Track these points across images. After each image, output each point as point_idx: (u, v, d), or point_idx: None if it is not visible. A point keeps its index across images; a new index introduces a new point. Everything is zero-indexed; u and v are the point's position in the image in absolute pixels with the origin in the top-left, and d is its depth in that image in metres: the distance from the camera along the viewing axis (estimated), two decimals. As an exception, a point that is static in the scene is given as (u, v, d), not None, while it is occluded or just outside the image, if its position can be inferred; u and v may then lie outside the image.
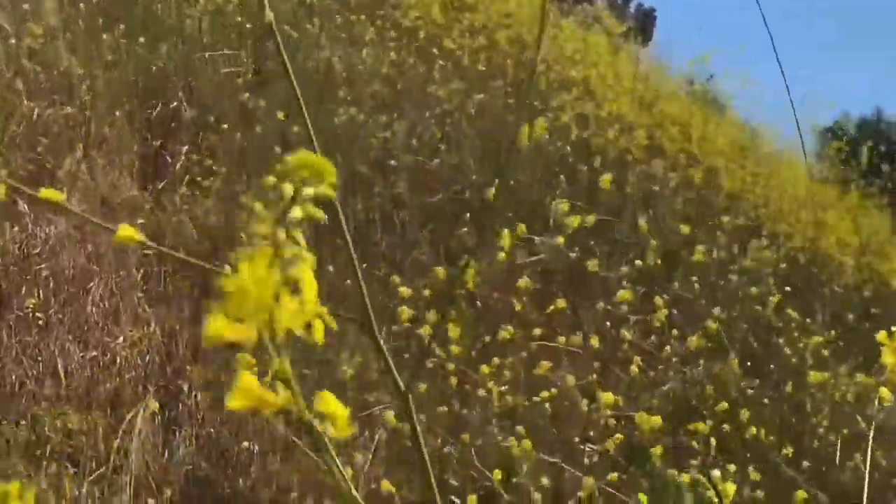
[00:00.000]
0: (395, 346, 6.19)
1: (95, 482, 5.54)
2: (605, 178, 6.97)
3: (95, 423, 5.82)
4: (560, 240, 6.36)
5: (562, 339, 5.88)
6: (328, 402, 0.95)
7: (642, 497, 4.88)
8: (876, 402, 1.46)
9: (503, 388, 5.53)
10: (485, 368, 5.58)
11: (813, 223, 8.18)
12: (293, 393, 0.92)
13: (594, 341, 5.91)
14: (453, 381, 5.58)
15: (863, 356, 6.06)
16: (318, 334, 0.89)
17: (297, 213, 0.89)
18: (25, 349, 6.16)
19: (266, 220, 0.88)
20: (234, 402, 0.91)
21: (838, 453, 5.23)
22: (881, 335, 1.40)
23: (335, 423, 0.95)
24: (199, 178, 7.43)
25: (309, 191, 0.90)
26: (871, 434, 1.48)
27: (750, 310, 6.30)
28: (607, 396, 5.23)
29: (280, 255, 0.87)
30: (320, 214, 0.90)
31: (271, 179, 0.90)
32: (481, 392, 5.50)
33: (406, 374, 1.29)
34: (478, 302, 6.35)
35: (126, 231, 1.41)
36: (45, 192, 1.44)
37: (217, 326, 0.87)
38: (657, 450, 4.77)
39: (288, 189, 0.89)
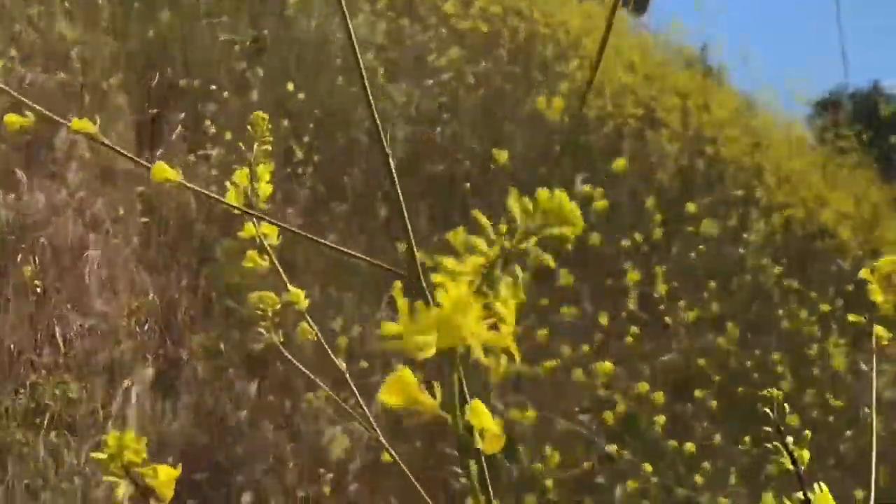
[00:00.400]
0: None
1: (94, 450, 5.47)
2: (620, 162, 6.89)
3: (94, 391, 5.75)
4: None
5: (563, 309, 5.81)
6: (481, 413, 0.89)
7: (647, 466, 4.83)
8: (873, 341, 1.40)
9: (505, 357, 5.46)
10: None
11: (811, 194, 8.11)
12: (450, 403, 0.87)
13: (596, 313, 5.84)
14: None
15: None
16: (503, 369, 0.84)
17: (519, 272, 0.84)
18: (23, 318, 6.08)
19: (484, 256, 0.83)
20: (388, 397, 0.86)
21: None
22: (864, 272, 1.34)
23: (485, 438, 0.89)
24: (197, 147, 7.34)
25: (553, 231, 0.84)
26: (875, 392, 1.41)
27: (750, 281, 6.23)
28: (605, 367, 5.17)
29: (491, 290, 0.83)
30: (551, 262, 0.84)
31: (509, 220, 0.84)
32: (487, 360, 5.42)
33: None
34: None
35: (162, 170, 1.38)
36: (77, 123, 1.43)
37: (402, 333, 0.82)
38: (660, 419, 4.72)
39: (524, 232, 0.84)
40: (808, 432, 1.31)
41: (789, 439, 1.34)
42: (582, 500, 4.85)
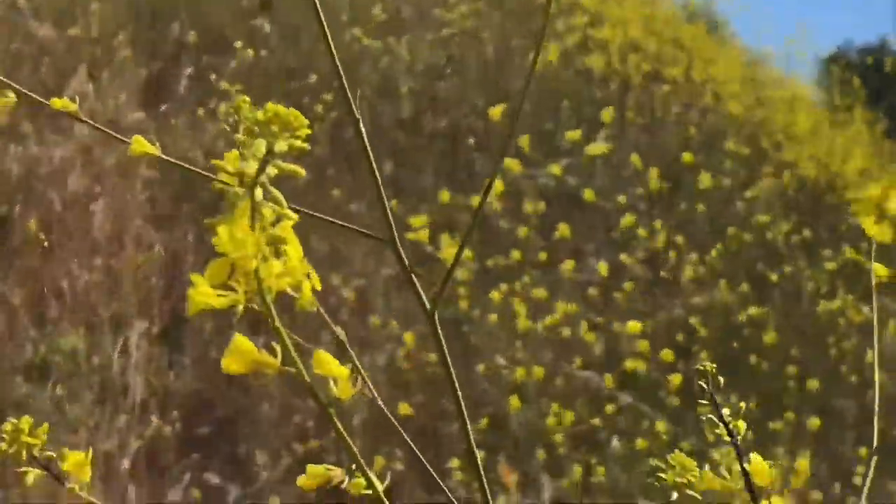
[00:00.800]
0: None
1: (99, 402, 5.44)
2: (606, 112, 6.79)
3: (99, 344, 5.70)
4: (556, 170, 6.19)
5: (564, 265, 5.74)
6: (326, 363, 0.91)
7: (660, 424, 4.77)
8: (872, 279, 1.33)
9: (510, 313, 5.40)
10: (495, 295, 5.44)
11: (818, 150, 8.00)
12: (291, 355, 0.88)
13: (598, 267, 5.77)
14: (463, 305, 5.44)
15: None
16: (306, 296, 0.85)
17: (272, 171, 0.83)
18: (30, 271, 6.03)
19: (241, 180, 0.82)
20: (229, 365, 0.87)
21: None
22: (853, 206, 1.27)
23: (337, 385, 0.92)
24: (204, 101, 7.25)
25: (282, 146, 0.83)
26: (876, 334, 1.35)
27: (758, 237, 6.14)
28: (634, 326, 5.10)
29: (260, 216, 0.82)
30: (300, 172, 0.83)
31: (241, 137, 0.84)
32: (493, 317, 5.36)
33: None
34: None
35: (141, 145, 1.38)
36: (57, 102, 1.40)
37: (202, 294, 0.83)
38: (675, 378, 4.65)
39: (260, 147, 0.83)
40: (742, 405, 1.23)
41: (725, 411, 1.29)
42: (589, 456, 4.80)
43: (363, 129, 1.18)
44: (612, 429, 5.03)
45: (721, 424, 1.26)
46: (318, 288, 0.84)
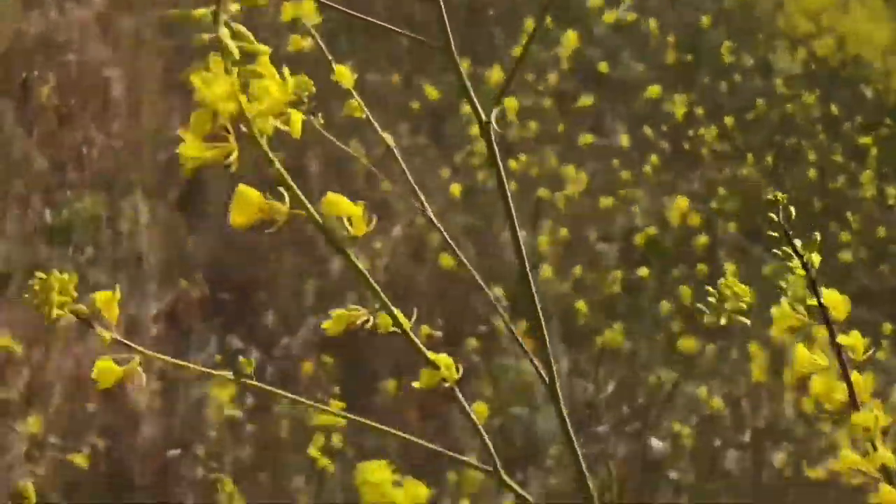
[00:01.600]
0: (420, 141, 5.88)
1: (119, 268, 5.31)
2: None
3: (119, 210, 5.56)
4: (571, 39, 5.96)
5: (584, 137, 5.56)
6: (337, 203, 0.86)
7: (684, 290, 4.63)
8: None
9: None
10: (512, 164, 5.27)
11: (841, 24, 7.72)
12: (298, 197, 0.85)
13: (619, 139, 5.61)
14: (480, 176, 5.28)
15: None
16: (296, 127, 0.80)
17: (233, 6, 0.78)
18: (48, 137, 5.87)
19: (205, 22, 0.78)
20: (236, 218, 0.84)
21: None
22: None
23: (351, 223, 0.88)
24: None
25: None
26: None
27: (779, 111, 5.95)
28: (633, 193, 4.95)
29: (230, 54, 0.77)
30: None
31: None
32: (514, 186, 5.19)
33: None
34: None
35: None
36: None
37: (192, 148, 0.79)
38: (702, 239, 4.48)
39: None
40: (817, 234, 1.14)
41: (798, 241, 1.15)
42: (611, 323, 4.67)
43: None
44: (631, 299, 4.91)
45: (795, 256, 1.14)
46: (302, 118, 0.78)
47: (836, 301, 1.13)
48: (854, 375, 1.11)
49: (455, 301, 4.68)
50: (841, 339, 1.12)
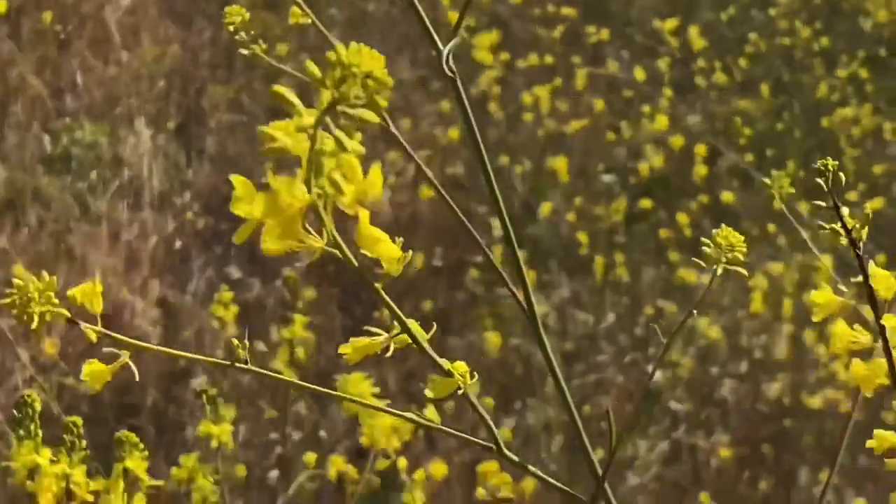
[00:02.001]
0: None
1: (119, 196, 5.24)
2: None
3: (116, 138, 5.47)
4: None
5: (590, 69, 5.48)
6: (375, 240, 0.84)
7: (681, 216, 4.56)
8: None
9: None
10: (526, 98, 5.20)
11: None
12: (332, 241, 0.85)
13: (620, 71, 5.52)
14: (492, 106, 5.20)
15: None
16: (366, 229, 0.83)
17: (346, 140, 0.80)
18: (46, 62, 5.76)
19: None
20: (270, 245, 0.82)
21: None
22: None
23: (386, 264, 0.86)
24: None
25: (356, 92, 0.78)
26: None
27: (778, 44, 5.86)
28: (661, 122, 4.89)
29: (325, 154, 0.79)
30: (373, 118, 0.78)
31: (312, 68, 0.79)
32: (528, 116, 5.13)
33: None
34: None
35: None
36: None
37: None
38: (701, 170, 4.42)
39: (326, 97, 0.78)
40: (869, 208, 1.09)
41: (845, 211, 1.09)
42: (613, 252, 4.63)
43: None
44: (633, 229, 4.86)
45: (842, 229, 1.07)
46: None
47: (883, 279, 1.06)
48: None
49: (456, 232, 4.63)
50: (887, 319, 1.04)
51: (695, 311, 1.22)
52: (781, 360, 4.52)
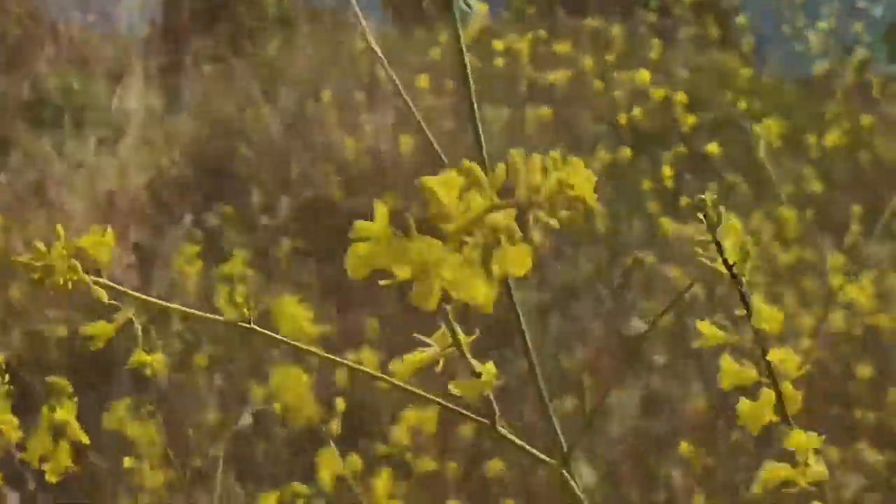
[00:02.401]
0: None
1: (100, 143, 5.16)
2: None
3: (97, 87, 5.39)
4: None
5: (574, 20, 5.42)
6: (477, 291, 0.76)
7: (666, 170, 4.51)
8: None
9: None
10: (497, 45, 5.12)
11: None
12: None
13: (606, 26, 5.46)
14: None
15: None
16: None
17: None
18: (26, 11, 5.67)
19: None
20: (357, 272, 0.78)
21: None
22: None
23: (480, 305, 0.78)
24: None
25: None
26: None
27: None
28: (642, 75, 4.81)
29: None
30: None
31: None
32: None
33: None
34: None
35: None
36: None
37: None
38: (690, 120, 4.36)
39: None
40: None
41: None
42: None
43: None
44: (613, 180, 4.79)
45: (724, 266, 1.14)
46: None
47: (767, 314, 1.12)
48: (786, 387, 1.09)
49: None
50: (772, 354, 1.11)
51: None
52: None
